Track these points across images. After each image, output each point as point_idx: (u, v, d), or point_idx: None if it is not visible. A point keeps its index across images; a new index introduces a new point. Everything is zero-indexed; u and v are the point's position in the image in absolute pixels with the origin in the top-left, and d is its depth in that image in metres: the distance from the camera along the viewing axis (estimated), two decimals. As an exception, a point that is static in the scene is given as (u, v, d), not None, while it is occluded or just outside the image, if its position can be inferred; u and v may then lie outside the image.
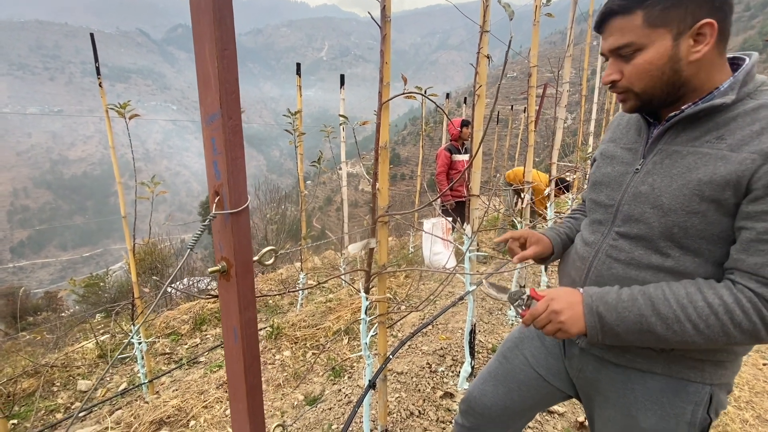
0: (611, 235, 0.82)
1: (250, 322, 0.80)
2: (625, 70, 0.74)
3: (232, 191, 0.71)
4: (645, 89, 0.74)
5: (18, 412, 3.06)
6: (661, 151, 0.77)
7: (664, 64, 0.70)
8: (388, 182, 1.21)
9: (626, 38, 0.71)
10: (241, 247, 0.75)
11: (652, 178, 0.76)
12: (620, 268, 0.79)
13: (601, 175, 0.88)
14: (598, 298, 0.75)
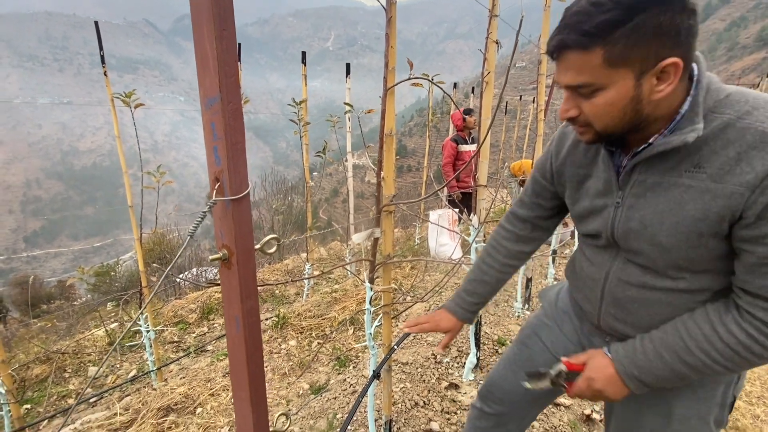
0: (619, 259, 0.81)
1: (252, 311, 0.79)
2: (584, 107, 0.68)
3: (232, 177, 0.70)
4: (606, 128, 0.69)
5: (31, 397, 3.14)
6: (639, 183, 0.73)
7: (625, 105, 0.65)
8: (393, 171, 1.18)
9: (584, 77, 0.64)
10: (242, 235, 0.73)
11: (639, 214, 0.73)
12: (635, 291, 0.79)
13: (582, 209, 0.86)
14: (630, 363, 0.75)
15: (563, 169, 0.88)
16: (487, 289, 1.06)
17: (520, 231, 1.03)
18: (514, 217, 1.04)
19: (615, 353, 0.78)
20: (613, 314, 0.84)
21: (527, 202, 1.01)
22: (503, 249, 1.05)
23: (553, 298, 1.08)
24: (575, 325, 0.99)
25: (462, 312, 1.07)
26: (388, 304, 1.27)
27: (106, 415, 2.02)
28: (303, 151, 3.58)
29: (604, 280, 0.83)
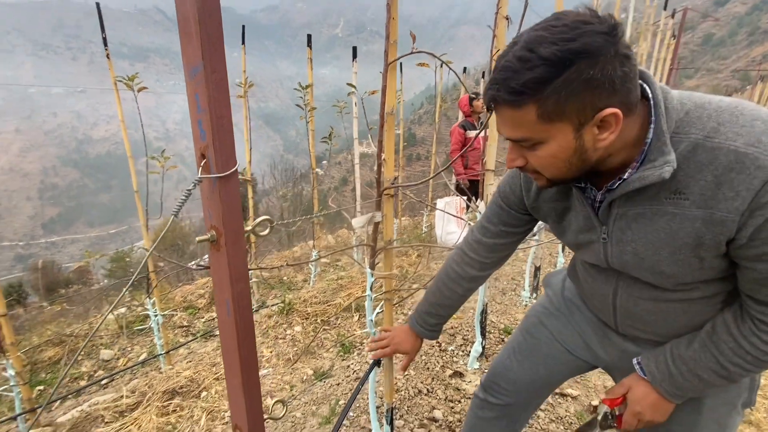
0: (624, 277, 0.78)
1: (242, 295, 0.76)
2: (529, 158, 0.66)
3: (218, 153, 0.66)
4: (555, 176, 0.66)
5: (44, 378, 3.22)
6: (621, 216, 0.69)
7: (569, 157, 0.62)
8: (394, 152, 1.13)
9: (521, 133, 0.61)
10: (231, 215, 0.70)
11: (631, 247, 0.70)
12: (648, 304, 0.76)
13: (570, 242, 0.83)
14: (671, 386, 0.75)
15: (538, 205, 0.84)
16: (448, 312, 1.05)
17: (485, 258, 0.97)
18: (479, 245, 0.97)
19: (652, 377, 0.77)
20: (631, 325, 0.82)
21: (494, 231, 0.94)
22: (467, 275, 1.00)
23: (558, 287, 1.03)
24: (587, 317, 0.95)
25: (424, 332, 1.06)
26: (390, 291, 1.24)
27: (114, 397, 2.05)
28: (309, 137, 3.54)
29: (613, 295, 0.81)
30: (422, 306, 1.06)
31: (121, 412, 1.89)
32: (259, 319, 2.90)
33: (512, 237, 0.95)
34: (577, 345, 0.96)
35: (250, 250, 3.67)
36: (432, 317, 1.05)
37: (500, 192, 0.92)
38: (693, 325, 0.74)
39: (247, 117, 2.98)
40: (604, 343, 0.91)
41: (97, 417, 1.86)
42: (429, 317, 1.05)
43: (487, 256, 0.97)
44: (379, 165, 1.10)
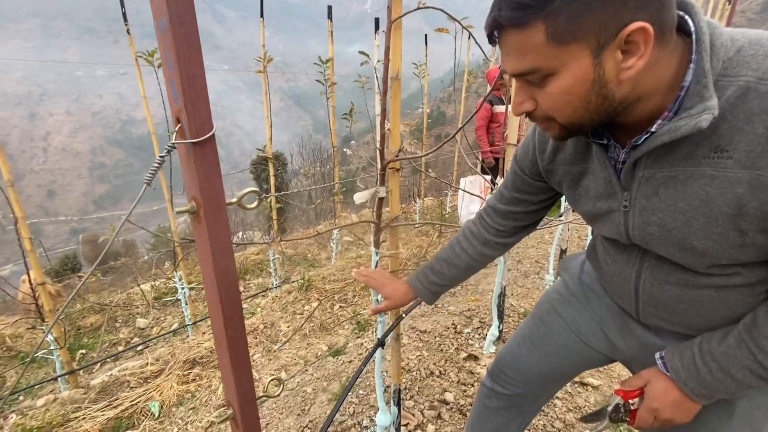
0: (650, 256, 0.67)
1: (226, 271, 0.72)
2: (538, 98, 0.54)
3: (191, 117, 0.61)
4: (570, 120, 0.55)
5: (87, 343, 3.47)
6: (647, 179, 0.58)
7: (586, 91, 0.50)
8: (400, 121, 1.05)
9: (528, 62, 0.50)
10: (209, 184, 0.65)
11: (656, 217, 0.58)
12: (675, 290, 0.65)
13: (586, 212, 0.72)
14: (697, 384, 0.64)
15: (553, 168, 0.74)
16: (453, 273, 0.95)
17: (499, 226, 0.90)
18: (494, 211, 0.90)
19: (676, 374, 0.66)
20: (654, 314, 0.71)
21: (508, 197, 0.87)
22: (481, 237, 0.92)
23: (576, 271, 0.93)
24: (606, 303, 0.85)
25: (421, 287, 0.97)
26: (396, 271, 1.18)
27: (141, 364, 2.16)
28: (329, 114, 3.48)
29: (636, 278, 0.70)
30: (429, 262, 0.99)
31: (145, 379, 1.98)
32: (279, 294, 2.95)
33: (525, 206, 0.85)
34: (593, 335, 0.87)
35: (272, 227, 3.71)
36: (434, 273, 0.95)
37: (516, 155, 0.84)
38: (729, 319, 0.63)
39: (267, 93, 2.95)
40: (624, 334, 0.82)
41: (123, 382, 1.97)
42: (431, 272, 0.96)
43: (501, 223, 0.89)
44: (382, 135, 1.03)
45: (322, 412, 1.54)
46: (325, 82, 3.23)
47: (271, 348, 2.17)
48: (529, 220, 0.89)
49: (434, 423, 1.50)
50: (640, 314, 0.74)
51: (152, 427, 1.65)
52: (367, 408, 1.56)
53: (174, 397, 1.80)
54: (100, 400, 1.82)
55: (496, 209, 0.89)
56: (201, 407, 1.75)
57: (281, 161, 10.65)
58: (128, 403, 1.75)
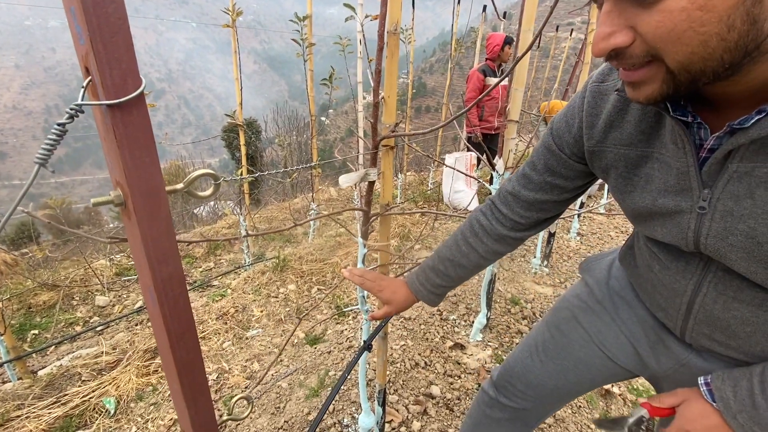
0: (714, 267, 0.54)
1: (172, 280, 0.54)
2: (642, 23, 0.37)
3: (105, 66, 0.41)
4: (690, 62, 0.37)
5: (39, 323, 3.19)
6: (742, 176, 0.44)
7: (731, 7, 0.33)
8: (396, 87, 0.86)
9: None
10: (138, 165, 0.46)
11: (746, 225, 0.45)
12: (744, 310, 0.52)
13: (638, 208, 0.57)
14: (751, 420, 0.51)
15: (602, 150, 0.58)
16: (459, 273, 0.81)
17: (519, 218, 0.74)
18: (515, 199, 0.73)
19: (725, 406, 0.54)
20: (707, 334, 0.59)
21: (537, 182, 0.70)
22: (494, 233, 0.76)
23: (602, 276, 0.80)
24: (638, 315, 0.72)
25: (424, 291, 0.83)
26: (385, 265, 1.02)
27: (95, 353, 1.96)
28: (307, 78, 3.18)
29: (693, 292, 0.57)
30: (429, 261, 0.83)
31: (99, 370, 1.79)
32: (252, 275, 2.76)
33: (557, 193, 0.69)
34: (620, 350, 0.75)
35: (243, 201, 3.46)
36: (438, 276, 0.81)
37: (552, 128, 0.66)
38: None
39: (236, 51, 2.63)
40: (658, 352, 0.69)
41: (74, 374, 1.77)
42: (434, 275, 0.81)
43: (522, 215, 0.73)
44: (375, 105, 0.84)
45: (299, 411, 1.42)
46: (302, 42, 2.92)
47: (243, 335, 2.01)
48: (556, 211, 0.73)
49: (420, 419, 1.41)
50: (686, 332, 0.62)
51: (107, 426, 1.48)
52: (348, 404, 1.45)
53: (132, 391, 1.62)
54: (46, 396, 1.62)
55: (518, 197, 0.72)
56: (164, 402, 1.59)
57: (254, 128, 10.12)
58: (79, 399, 1.57)
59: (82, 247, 5.37)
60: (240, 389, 1.60)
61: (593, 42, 0.40)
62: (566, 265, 2.58)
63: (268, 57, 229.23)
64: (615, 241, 3.09)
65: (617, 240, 3.11)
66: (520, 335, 1.90)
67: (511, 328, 1.93)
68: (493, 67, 3.55)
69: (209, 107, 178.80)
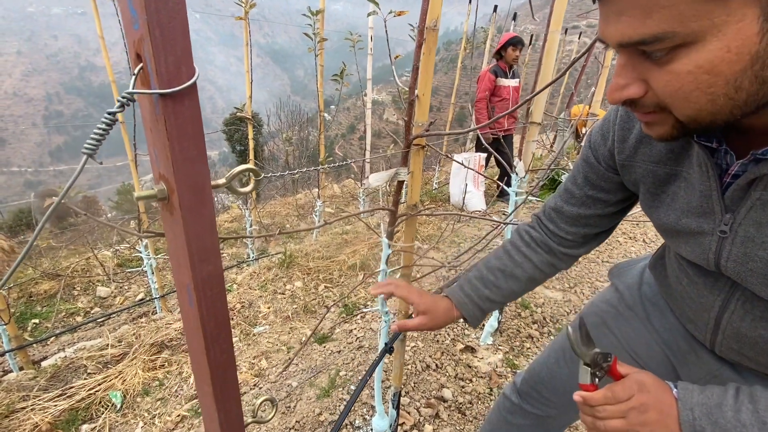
0: (741, 288, 0.53)
1: (212, 279, 0.52)
2: (655, 79, 0.38)
3: (161, 52, 0.38)
4: (698, 115, 0.38)
5: (40, 312, 3.16)
6: (764, 204, 0.44)
7: (739, 71, 0.34)
8: (431, 88, 0.84)
9: (657, 23, 0.34)
10: (187, 159, 0.43)
11: (765, 252, 0.45)
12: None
13: (664, 225, 0.58)
14: (704, 415, 0.47)
15: (633, 164, 0.59)
16: (512, 286, 0.75)
17: (566, 234, 0.72)
18: (558, 215, 0.72)
19: (684, 393, 0.49)
20: (737, 350, 0.57)
21: (579, 196, 0.68)
22: (546, 245, 0.74)
23: (634, 280, 0.78)
24: (671, 323, 0.71)
25: (469, 304, 0.75)
26: (409, 266, 1.00)
27: (100, 344, 1.93)
28: (317, 74, 3.15)
29: (721, 309, 0.56)
30: (475, 272, 0.78)
31: (105, 363, 1.77)
32: (258, 270, 2.74)
33: (601, 207, 0.67)
34: (652, 358, 0.73)
35: (251, 196, 3.44)
36: (488, 287, 0.74)
37: (590, 140, 0.65)
38: None
39: (248, 44, 2.59)
40: (690, 361, 0.68)
41: (79, 366, 1.75)
42: (483, 285, 0.74)
43: (568, 231, 0.71)
44: (410, 103, 0.81)
45: (310, 411, 1.40)
46: (314, 36, 2.89)
47: (250, 331, 1.99)
48: (604, 226, 0.71)
49: (432, 422, 1.39)
50: (715, 346, 0.61)
51: (113, 420, 1.46)
52: (360, 405, 1.43)
53: (139, 385, 1.60)
54: (51, 388, 1.60)
55: (562, 212, 0.71)
56: (170, 398, 1.57)
57: (257, 122, 10.08)
58: (85, 392, 1.55)
59: (85, 238, 5.34)
60: (249, 386, 1.58)
61: (609, 91, 0.42)
62: (576, 269, 2.57)
63: (271, 51, 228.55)
64: (623, 246, 3.07)
65: (625, 246, 3.10)
66: (531, 339, 1.88)
67: (521, 332, 1.91)
68: (505, 68, 3.52)
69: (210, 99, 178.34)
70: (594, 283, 2.44)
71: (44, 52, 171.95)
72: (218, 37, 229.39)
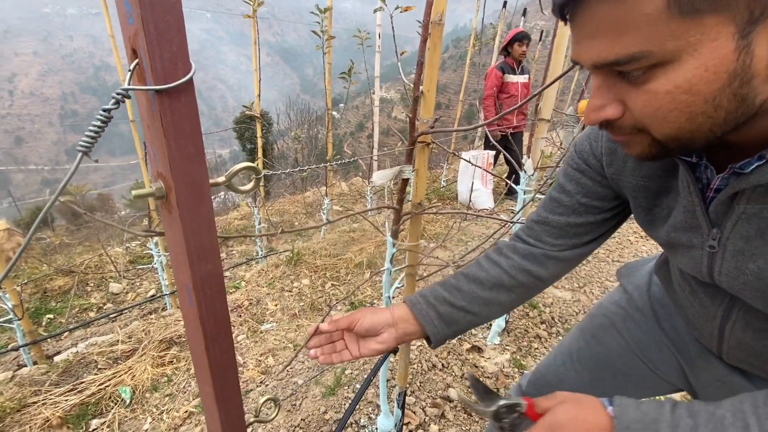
0: (740, 302, 0.52)
1: (211, 278, 0.51)
2: (632, 99, 0.37)
3: (155, 47, 0.38)
4: (677, 135, 0.37)
5: (54, 307, 3.23)
6: (751, 217, 0.43)
7: (717, 90, 0.33)
8: (436, 84, 0.82)
9: (631, 44, 0.33)
10: (185, 157, 0.43)
11: (756, 265, 0.44)
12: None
13: (658, 238, 0.57)
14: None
15: (622, 178, 0.57)
16: (474, 289, 0.65)
17: (551, 247, 0.64)
18: (543, 228, 0.65)
19: (622, 409, 0.46)
20: (743, 359, 0.57)
21: (569, 205, 0.63)
22: (519, 251, 0.67)
23: (643, 282, 0.76)
24: (680, 326, 0.69)
25: (422, 303, 0.65)
26: (413, 265, 0.99)
27: (110, 341, 1.96)
28: (326, 72, 3.14)
29: (723, 319, 0.55)
30: (441, 282, 0.68)
31: (115, 359, 1.79)
32: (266, 267, 2.75)
33: (594, 214, 0.62)
34: (662, 361, 0.71)
35: (258, 193, 3.45)
36: (447, 289, 0.65)
37: (576, 149, 0.62)
38: None
39: (256, 42, 2.60)
40: (699, 366, 0.66)
41: (90, 362, 1.78)
42: (440, 287, 0.66)
43: (554, 243, 0.64)
44: (415, 99, 0.80)
45: (315, 409, 1.40)
46: (322, 34, 2.88)
47: (257, 329, 2.00)
48: (596, 233, 0.64)
49: (437, 423, 1.38)
50: (723, 354, 0.59)
51: (123, 415, 1.48)
52: (365, 404, 1.43)
53: (148, 381, 1.62)
54: (63, 383, 1.63)
55: (547, 224, 0.64)
56: (178, 394, 1.58)
57: (266, 120, 10.13)
58: (95, 387, 1.57)
59: (99, 234, 5.44)
60: (255, 384, 1.59)
61: (585, 112, 0.41)
62: (585, 269, 2.53)
63: (281, 49, 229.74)
64: (635, 245, 3.01)
65: (636, 245, 3.04)
66: (539, 339, 1.86)
67: (529, 332, 1.89)
68: (512, 64, 3.48)
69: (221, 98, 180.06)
70: (604, 282, 2.39)
71: (60, 52, 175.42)
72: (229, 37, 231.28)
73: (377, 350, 0.64)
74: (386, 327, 0.64)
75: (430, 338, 0.65)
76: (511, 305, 0.68)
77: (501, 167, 5.15)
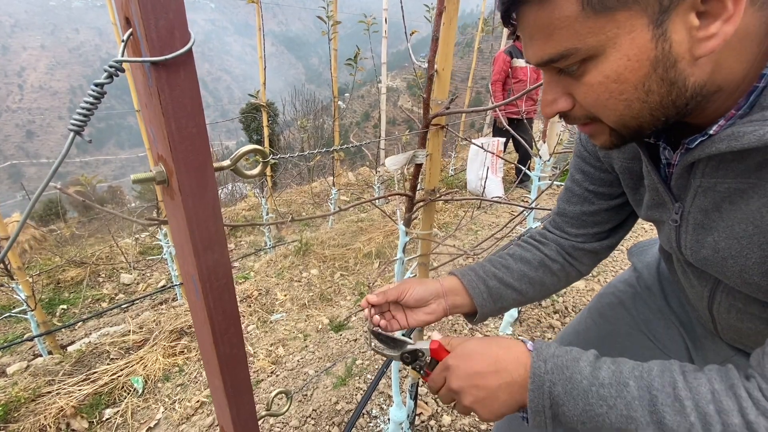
0: (722, 284, 0.52)
1: (218, 269, 0.48)
2: (576, 92, 0.41)
3: (150, 15, 0.34)
4: (623, 121, 0.40)
5: (68, 298, 3.28)
6: (705, 190, 0.44)
7: (644, 77, 0.36)
8: (452, 62, 0.78)
9: (557, 43, 0.37)
10: (186, 137, 0.39)
11: (712, 238, 0.45)
12: (758, 323, 0.50)
13: (644, 217, 0.59)
14: (558, 368, 0.44)
15: (611, 161, 0.60)
16: (522, 268, 0.66)
17: (574, 238, 0.66)
18: (564, 220, 0.68)
19: (539, 344, 0.47)
20: (737, 339, 0.57)
21: (580, 194, 0.65)
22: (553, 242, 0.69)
23: (653, 260, 0.76)
24: (687, 304, 0.68)
25: (473, 277, 0.64)
26: (426, 254, 0.96)
27: (122, 330, 1.97)
28: (331, 59, 3.08)
29: (710, 299, 0.55)
30: (488, 259, 0.69)
31: (127, 349, 1.80)
32: (274, 258, 2.75)
33: (604, 200, 0.63)
34: (671, 340, 0.70)
35: (266, 184, 3.44)
36: (495, 266, 0.65)
37: (578, 135, 0.64)
38: None
39: (261, 28, 2.55)
40: (705, 345, 0.65)
41: (102, 352, 1.79)
42: (490, 263, 0.66)
43: (576, 233, 0.67)
44: (429, 78, 0.75)
45: (327, 399, 1.39)
46: (328, 19, 2.82)
47: (267, 319, 1.99)
48: (616, 220, 0.66)
49: (450, 413, 1.36)
50: (720, 334, 0.59)
51: (135, 404, 1.49)
52: (376, 395, 1.41)
53: (159, 371, 1.63)
54: (76, 373, 1.64)
55: (565, 215, 0.68)
56: (190, 384, 1.59)
57: (273, 110, 10.11)
58: (108, 377, 1.58)
59: (109, 226, 5.49)
60: (266, 374, 1.59)
61: (541, 106, 0.44)
62: (599, 258, 2.47)
63: (286, 39, 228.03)
64: (649, 233, 2.94)
65: (651, 233, 2.97)
66: (552, 329, 1.82)
67: (542, 322, 1.85)
68: (521, 48, 3.37)
69: (227, 89, 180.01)
70: (618, 271, 2.34)
71: (67, 45, 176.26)
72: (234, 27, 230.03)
73: (425, 321, 0.63)
74: (435, 298, 0.63)
75: (477, 312, 0.65)
76: (554, 288, 0.69)
77: (510, 155, 5.06)
